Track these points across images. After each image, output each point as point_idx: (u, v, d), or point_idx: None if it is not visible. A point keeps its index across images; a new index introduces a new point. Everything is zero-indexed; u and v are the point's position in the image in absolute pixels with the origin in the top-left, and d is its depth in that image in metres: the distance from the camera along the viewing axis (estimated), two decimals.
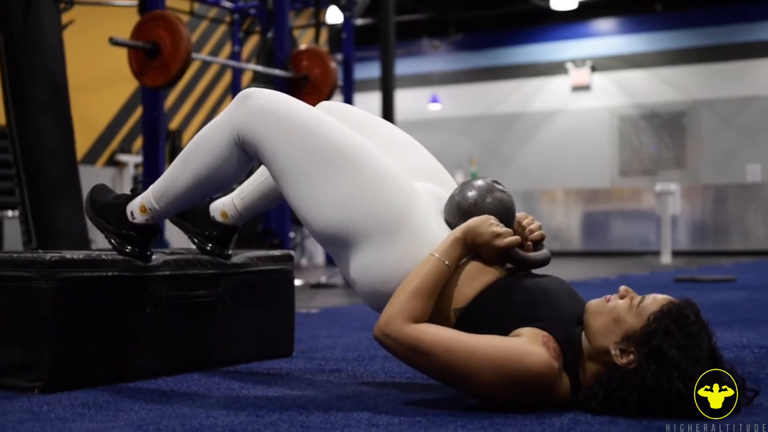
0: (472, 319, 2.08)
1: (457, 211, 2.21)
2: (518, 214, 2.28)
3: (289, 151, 2.24)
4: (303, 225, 2.31)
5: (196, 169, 2.34)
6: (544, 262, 2.22)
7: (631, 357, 1.93)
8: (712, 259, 11.43)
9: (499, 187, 2.27)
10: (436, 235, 2.18)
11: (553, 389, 1.96)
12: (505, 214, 2.22)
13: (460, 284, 2.13)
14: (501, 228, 2.15)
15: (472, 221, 2.15)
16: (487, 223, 2.14)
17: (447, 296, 2.13)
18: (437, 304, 2.12)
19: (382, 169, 2.23)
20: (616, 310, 1.99)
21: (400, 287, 2.08)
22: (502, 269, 2.18)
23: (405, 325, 2.01)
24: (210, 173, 2.34)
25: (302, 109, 2.30)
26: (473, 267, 2.15)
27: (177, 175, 2.39)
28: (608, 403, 1.94)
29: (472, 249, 2.15)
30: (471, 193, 2.23)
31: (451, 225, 2.21)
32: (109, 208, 2.51)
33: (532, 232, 2.25)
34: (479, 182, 2.26)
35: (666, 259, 10.79)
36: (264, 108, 2.27)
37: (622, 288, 2.05)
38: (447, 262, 2.09)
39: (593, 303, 2.05)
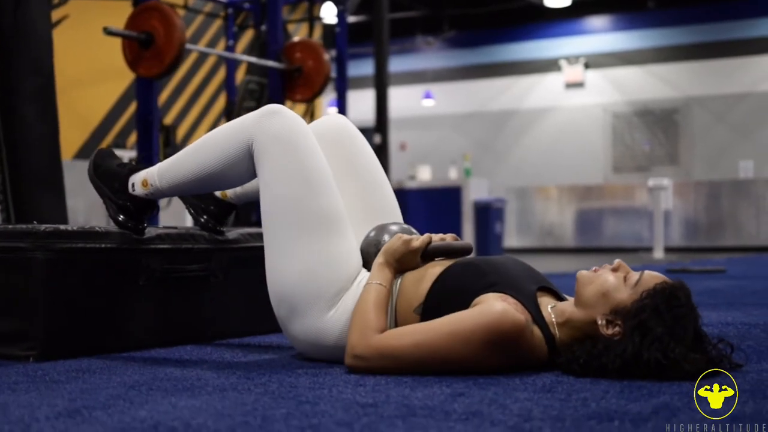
0: (432, 311, 2.15)
1: (369, 256, 2.37)
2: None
3: (282, 189, 2.29)
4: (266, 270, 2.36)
5: (204, 161, 2.38)
6: (466, 247, 2.34)
7: (617, 329, 1.99)
8: (705, 255, 11.48)
9: (401, 226, 2.44)
10: None
11: (525, 341, 2.01)
12: (408, 234, 2.41)
13: (412, 289, 2.23)
14: (410, 235, 2.31)
15: (386, 245, 2.29)
16: (395, 239, 2.28)
17: (404, 304, 2.23)
18: (398, 315, 2.22)
19: (347, 246, 2.32)
20: (607, 284, 2.05)
21: (352, 320, 2.15)
22: (443, 264, 2.26)
23: (369, 341, 2.09)
24: (216, 170, 2.37)
25: (315, 157, 2.33)
26: (417, 273, 2.27)
27: (186, 161, 2.42)
28: (589, 367, 1.99)
29: (397, 267, 2.27)
30: (374, 237, 2.40)
31: (369, 264, 2.36)
32: (112, 175, 2.53)
33: (443, 239, 2.36)
34: (393, 227, 2.43)
35: (658, 254, 10.84)
36: (283, 134, 2.31)
37: (617, 261, 2.10)
38: (382, 284, 2.20)
39: (583, 273, 2.11)
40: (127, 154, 9.84)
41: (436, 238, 2.34)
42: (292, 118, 2.34)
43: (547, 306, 2.12)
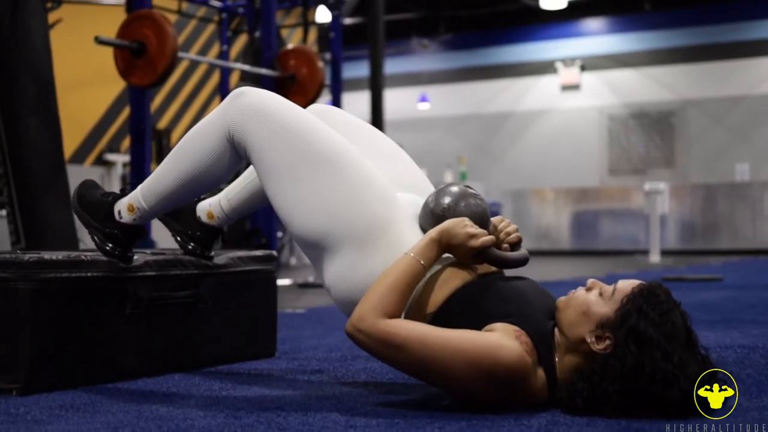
0: (444, 321, 2.08)
1: (431, 216, 2.21)
2: (494, 218, 2.28)
3: (276, 152, 2.24)
4: (285, 226, 2.30)
5: (186, 165, 2.34)
6: (522, 261, 2.22)
7: (608, 342, 1.95)
8: (701, 258, 11.45)
9: (473, 192, 2.27)
10: (414, 244, 2.17)
11: (526, 384, 1.96)
12: (479, 219, 2.21)
13: (432, 291, 2.14)
14: (476, 229, 2.15)
15: (447, 223, 2.14)
16: (461, 225, 2.14)
17: (419, 303, 2.14)
18: (410, 313, 2.13)
19: (366, 176, 2.23)
20: (587, 302, 2.02)
21: (373, 285, 2.07)
22: (473, 274, 2.19)
23: (378, 320, 2.01)
24: (200, 170, 2.32)
25: (293, 111, 2.30)
26: (445, 273, 2.16)
27: (167, 172, 2.38)
28: (592, 398, 1.94)
29: (446, 250, 2.15)
30: (445, 199, 2.22)
31: (426, 231, 2.21)
32: (96, 205, 2.49)
33: (508, 234, 2.25)
34: (453, 188, 2.25)
35: (655, 258, 10.81)
36: (255, 107, 2.27)
37: (590, 281, 2.08)
38: (422, 261, 2.09)
39: (561, 299, 2.08)
40: (120, 159, 9.80)
41: (503, 233, 2.23)
42: (259, 92, 2.31)
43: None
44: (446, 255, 2.20)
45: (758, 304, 4.97)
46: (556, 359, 2.03)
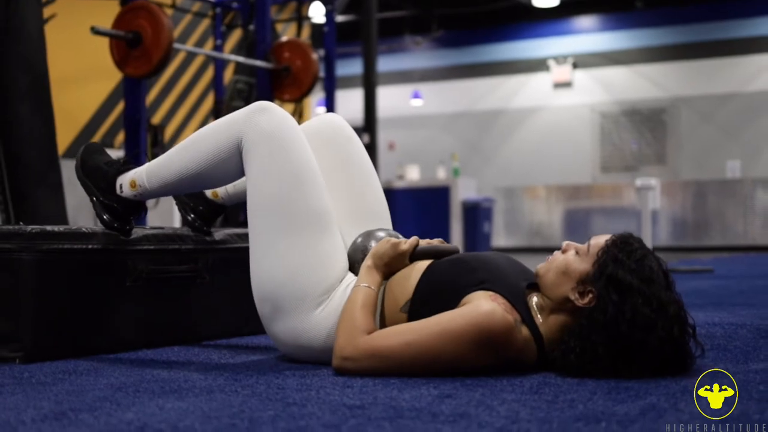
0: (420, 307, 2.15)
1: (353, 260, 2.37)
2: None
3: (270, 185, 2.28)
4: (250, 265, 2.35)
5: (193, 160, 2.36)
6: (453, 250, 2.35)
7: (591, 296, 2.03)
8: (692, 254, 11.52)
9: (394, 233, 2.45)
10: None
11: (513, 342, 2.01)
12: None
13: (398, 288, 2.23)
14: (398, 239, 2.30)
15: (374, 248, 2.29)
16: (384, 243, 2.28)
17: (391, 303, 2.23)
18: (386, 314, 2.22)
19: (334, 245, 2.31)
20: (565, 262, 2.10)
21: (340, 322, 2.15)
22: (429, 262, 2.28)
23: (357, 342, 2.08)
24: (205, 168, 2.36)
25: (304, 155, 2.32)
26: (402, 271, 2.27)
27: (174, 160, 2.40)
28: (584, 354, 1.99)
29: (385, 270, 2.26)
30: (360, 241, 2.40)
31: (356, 270, 2.35)
32: (99, 174, 2.51)
33: (430, 243, 2.36)
34: (380, 233, 2.43)
35: None
36: (271, 130, 2.29)
37: (564, 243, 2.16)
38: (371, 287, 2.19)
39: (541, 266, 2.16)
40: (115, 154, 9.81)
41: (423, 242, 2.34)
42: (281, 115, 2.33)
43: (533, 304, 2.13)
44: None
45: (747, 290, 5.03)
46: (539, 319, 2.09)
